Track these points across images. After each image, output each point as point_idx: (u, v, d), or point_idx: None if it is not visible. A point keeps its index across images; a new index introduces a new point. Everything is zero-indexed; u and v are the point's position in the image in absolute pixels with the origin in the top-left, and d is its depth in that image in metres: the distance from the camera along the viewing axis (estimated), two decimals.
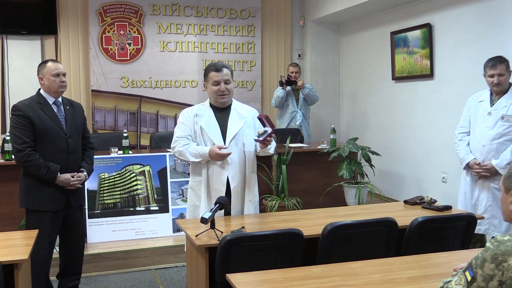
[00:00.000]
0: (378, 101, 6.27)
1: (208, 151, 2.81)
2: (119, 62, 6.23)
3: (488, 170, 3.44)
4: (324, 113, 7.10)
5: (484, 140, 3.48)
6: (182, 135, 2.90)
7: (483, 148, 3.48)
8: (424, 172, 5.46)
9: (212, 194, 2.88)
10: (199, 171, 2.92)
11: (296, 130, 5.97)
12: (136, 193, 4.55)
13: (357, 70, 6.76)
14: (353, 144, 4.88)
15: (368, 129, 6.51)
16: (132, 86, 6.30)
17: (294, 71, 6.04)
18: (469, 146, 3.60)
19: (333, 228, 2.35)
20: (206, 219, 2.37)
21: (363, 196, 4.79)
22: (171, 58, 6.45)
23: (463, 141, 3.64)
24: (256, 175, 3.02)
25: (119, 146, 4.83)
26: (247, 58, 6.79)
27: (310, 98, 6.02)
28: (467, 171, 3.62)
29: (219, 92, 2.87)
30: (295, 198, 4.56)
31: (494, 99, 3.49)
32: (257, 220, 2.82)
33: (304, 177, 5.19)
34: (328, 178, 5.18)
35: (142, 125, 6.37)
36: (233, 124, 2.91)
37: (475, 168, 3.50)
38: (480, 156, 3.51)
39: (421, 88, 5.50)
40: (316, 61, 7.07)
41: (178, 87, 6.49)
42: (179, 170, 4.72)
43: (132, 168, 4.60)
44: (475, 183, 3.56)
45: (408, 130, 5.73)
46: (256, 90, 6.85)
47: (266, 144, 2.81)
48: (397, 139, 5.92)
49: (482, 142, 3.49)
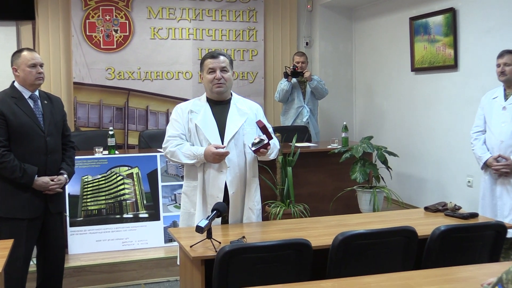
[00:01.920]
0: (396, 95, 6.27)
1: (204, 151, 2.80)
2: (104, 51, 6.23)
3: (508, 166, 3.64)
4: (335, 109, 7.09)
5: (501, 135, 3.72)
6: (175, 134, 2.90)
7: (501, 144, 3.72)
8: (447, 176, 5.45)
9: (208, 200, 2.87)
10: (194, 174, 2.92)
11: (303, 127, 5.96)
12: (123, 198, 4.56)
13: (371, 60, 6.75)
14: (367, 143, 4.87)
15: (384, 127, 6.50)
16: (119, 78, 6.30)
17: (300, 61, 6.03)
18: (485, 145, 3.85)
19: (345, 238, 2.34)
20: (202, 227, 2.36)
21: (379, 202, 4.78)
22: (163, 46, 6.45)
23: (478, 140, 3.89)
24: (257, 179, 3.02)
25: (104, 146, 4.83)
26: (248, 46, 6.78)
27: (319, 91, 6.02)
28: (485, 171, 3.84)
29: (214, 80, 2.86)
30: (301, 205, 4.55)
31: (508, 93, 3.75)
32: (259, 229, 2.81)
33: (312, 180, 5.18)
34: (339, 182, 5.18)
35: (130, 122, 6.37)
36: (233, 121, 2.91)
37: (494, 165, 3.70)
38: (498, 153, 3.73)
39: (443, 80, 5.49)
40: (325, 50, 7.06)
41: (170, 79, 6.49)
42: (171, 173, 4.72)
43: (118, 170, 4.60)
44: (495, 183, 3.76)
45: (429, 127, 5.72)
46: (258, 83, 6.84)
47: (260, 155, 2.82)
48: (417, 138, 5.92)
49: (500, 138, 3.73)
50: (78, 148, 5.15)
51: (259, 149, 2.79)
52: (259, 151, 2.80)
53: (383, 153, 4.86)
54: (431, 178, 5.69)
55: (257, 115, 2.99)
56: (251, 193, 2.94)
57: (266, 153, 2.82)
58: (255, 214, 2.95)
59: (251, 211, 2.93)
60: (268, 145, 2.80)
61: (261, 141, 2.79)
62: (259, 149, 2.79)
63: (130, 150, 5.99)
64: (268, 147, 2.80)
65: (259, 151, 2.80)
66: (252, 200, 2.94)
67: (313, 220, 3.01)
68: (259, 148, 2.79)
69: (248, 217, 2.92)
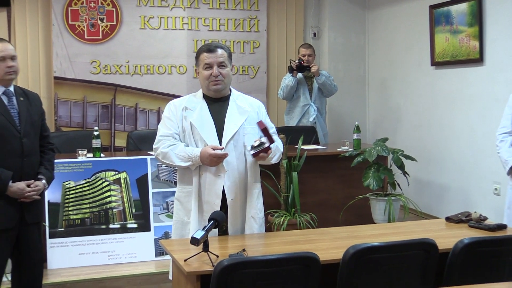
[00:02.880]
0: (414, 92, 6.27)
1: (200, 153, 2.81)
2: (88, 42, 6.24)
3: None
4: (345, 107, 7.10)
5: None
6: (167, 133, 2.91)
7: None
8: (472, 182, 5.44)
9: (204, 208, 2.87)
10: (188, 178, 2.92)
11: (310, 128, 5.96)
12: (109, 206, 4.56)
13: (387, 53, 6.75)
14: (382, 146, 4.87)
15: (401, 128, 6.50)
16: (105, 73, 6.30)
17: (307, 54, 6.03)
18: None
19: (357, 251, 2.34)
20: (197, 239, 2.36)
21: (395, 211, 4.78)
22: (154, 37, 6.46)
23: (505, 142, 3.84)
24: (260, 184, 3.02)
25: (88, 148, 4.83)
26: (249, 37, 6.79)
27: (327, 88, 6.02)
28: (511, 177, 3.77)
29: (211, 77, 2.87)
30: (308, 214, 4.55)
31: None
32: (261, 241, 2.82)
33: (320, 187, 5.18)
34: (350, 189, 5.18)
35: (117, 122, 6.37)
36: (232, 120, 2.91)
37: None
38: None
39: (467, 76, 5.49)
40: (335, 41, 7.06)
41: (162, 73, 6.50)
42: (163, 178, 4.73)
43: (104, 175, 4.61)
44: None
45: (451, 128, 5.72)
46: (260, 78, 6.85)
47: (260, 159, 2.83)
48: (437, 140, 5.91)
49: None
50: (59, 150, 5.15)
51: (259, 153, 2.80)
52: (259, 156, 2.80)
53: (400, 157, 4.85)
54: (454, 185, 5.69)
55: (258, 113, 3.00)
56: (252, 199, 2.94)
57: (266, 157, 2.83)
58: (257, 224, 2.95)
59: (254, 220, 2.93)
60: (269, 149, 2.80)
61: (261, 144, 2.79)
62: (259, 153, 2.80)
63: (117, 152, 5.99)
64: (268, 152, 2.80)
65: (258, 155, 2.80)
66: (254, 207, 2.94)
67: (321, 232, 3.01)
68: (258, 152, 2.80)
69: (250, 227, 2.92)
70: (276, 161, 2.98)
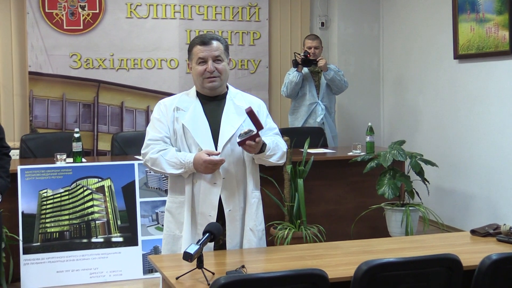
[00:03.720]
0: (434, 89, 6.27)
1: (193, 159, 2.81)
2: (68, 32, 6.25)
3: None
4: (357, 106, 7.10)
5: None
6: (157, 137, 2.92)
7: None
8: (500, 191, 5.44)
9: (198, 220, 2.88)
10: (180, 188, 2.93)
11: (317, 129, 5.97)
12: (91, 218, 4.56)
13: (404, 45, 6.76)
14: (398, 149, 4.87)
15: (419, 129, 6.50)
16: (87, 67, 6.32)
17: (313, 46, 6.04)
18: None
19: (370, 268, 2.34)
20: (190, 254, 2.37)
21: (413, 223, 4.78)
22: (142, 27, 6.47)
23: None
24: (259, 192, 3.02)
25: (68, 152, 4.84)
26: (249, 27, 6.80)
27: (336, 84, 6.03)
28: None
29: (206, 73, 2.88)
30: (316, 226, 4.55)
31: None
32: (262, 256, 2.82)
33: (328, 196, 5.19)
34: (362, 197, 5.19)
35: (101, 122, 6.39)
36: (229, 121, 2.92)
37: None
38: None
39: (495, 70, 5.49)
40: (345, 32, 7.07)
41: (151, 68, 6.52)
42: (152, 185, 4.73)
43: (86, 182, 4.61)
44: None
45: (477, 130, 5.73)
46: (261, 73, 6.86)
47: (248, 150, 2.81)
48: (461, 143, 5.92)
49: None
50: (34, 154, 5.19)
51: (245, 141, 2.75)
52: (245, 144, 2.76)
53: (418, 161, 4.86)
54: (479, 193, 5.68)
55: (259, 113, 2.98)
56: (252, 210, 2.95)
57: (255, 148, 2.78)
58: (256, 237, 2.95)
59: (253, 233, 2.94)
60: (257, 136, 2.76)
61: (249, 132, 2.76)
62: (245, 141, 2.75)
63: (101, 157, 6.00)
64: (257, 140, 2.75)
65: (244, 144, 2.76)
66: (253, 219, 2.95)
67: (330, 246, 3.01)
68: (244, 140, 2.75)
69: (248, 240, 2.92)
70: (276, 160, 2.95)
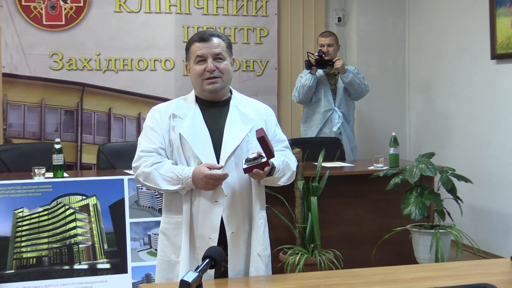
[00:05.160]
0: (468, 93, 6.26)
1: (192, 173, 2.83)
2: (48, 29, 6.28)
3: None
4: (380, 113, 7.10)
5: None
6: (151, 148, 2.93)
7: None
8: None
9: (197, 244, 2.89)
10: (177, 206, 2.94)
11: (334, 140, 5.98)
12: (74, 241, 4.54)
13: (433, 43, 6.76)
14: (427, 163, 4.86)
15: (451, 140, 6.49)
16: (69, 69, 6.34)
17: (328, 45, 6.06)
18: None
19: None
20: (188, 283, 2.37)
21: (444, 248, 4.76)
22: (133, 23, 6.49)
23: None
24: (265, 213, 3.04)
25: (48, 165, 4.84)
26: (255, 23, 6.82)
27: (355, 88, 6.04)
28: None
29: (205, 73, 2.90)
30: (331, 251, 4.54)
31: None
32: (270, 285, 2.82)
33: (346, 216, 5.17)
34: (385, 218, 5.17)
35: (85, 132, 6.39)
36: (233, 130, 2.93)
37: None
38: None
39: None
40: (366, 29, 7.08)
41: (143, 69, 6.53)
42: (144, 204, 4.72)
43: (68, 200, 4.60)
44: None
45: None
46: (269, 76, 6.87)
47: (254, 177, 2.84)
48: (500, 156, 5.90)
49: None
50: (9, 168, 5.19)
51: (251, 169, 2.79)
52: (251, 171, 2.80)
53: (450, 177, 4.84)
54: None
55: (267, 122, 3.02)
56: (259, 233, 2.96)
57: (263, 176, 2.81)
58: (264, 263, 2.97)
59: (261, 259, 2.95)
60: (266, 165, 2.79)
61: (259, 158, 2.79)
62: (251, 169, 2.79)
63: (85, 171, 6.01)
64: (265, 169, 2.79)
65: (251, 171, 2.80)
66: (261, 243, 2.96)
67: (349, 274, 2.99)
68: (251, 167, 2.79)
69: (256, 267, 2.93)
70: (285, 182, 2.98)
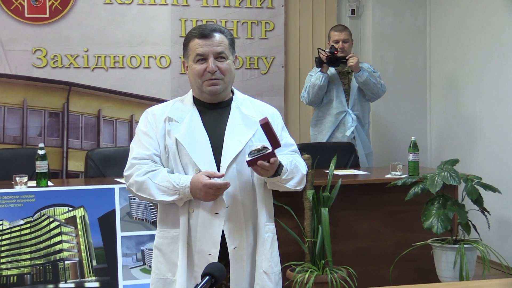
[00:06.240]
0: (497, 94, 6.25)
1: (190, 182, 2.84)
2: (30, 22, 6.29)
3: None
4: (397, 116, 7.11)
5: None
6: (144, 155, 2.95)
7: None
8: None
9: (196, 260, 2.91)
10: (173, 219, 2.96)
11: (347, 145, 6.00)
12: (59, 257, 4.53)
13: (458, 38, 6.76)
14: (450, 171, 4.86)
15: (477, 145, 6.49)
16: (54, 66, 6.35)
17: (341, 40, 6.07)
18: None
19: None
20: None
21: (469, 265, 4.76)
22: (125, 16, 6.51)
23: None
24: (273, 225, 3.05)
25: (30, 173, 4.85)
26: (260, 16, 6.83)
27: (371, 88, 6.05)
28: None
29: (206, 74, 2.92)
30: (344, 268, 4.55)
31: None
32: None
33: (360, 230, 5.18)
34: (404, 232, 5.18)
35: (72, 136, 6.39)
36: (235, 135, 2.95)
37: None
38: None
39: None
40: (382, 22, 7.09)
41: (136, 67, 6.55)
42: (137, 216, 4.71)
43: (53, 212, 4.60)
44: None
45: None
46: (276, 74, 6.89)
47: (259, 172, 2.84)
48: None
49: None
50: None
51: (256, 161, 2.77)
52: (256, 164, 2.79)
53: (476, 186, 4.85)
54: None
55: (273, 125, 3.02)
56: (266, 248, 2.97)
57: (269, 170, 2.80)
58: (273, 282, 2.98)
59: (267, 277, 2.96)
60: (272, 155, 2.79)
61: (264, 150, 2.77)
62: (256, 161, 2.77)
63: (72, 180, 6.00)
64: (272, 161, 2.77)
65: (255, 164, 2.79)
66: (268, 259, 2.97)
67: None
68: (256, 159, 2.77)
69: (262, 286, 2.94)
70: (294, 186, 2.99)
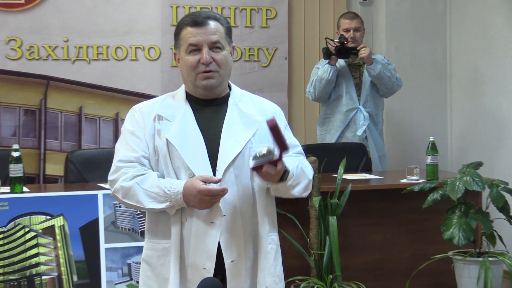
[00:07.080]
0: None
1: (183, 188, 2.83)
2: (4, 9, 6.31)
3: None
4: (414, 113, 7.12)
5: None
6: (131, 157, 2.94)
7: None
8: None
9: (189, 275, 2.90)
10: (163, 229, 2.95)
11: (358, 146, 6.00)
12: (36, 271, 4.56)
13: (482, 28, 6.77)
14: (472, 175, 4.85)
15: (503, 146, 6.49)
16: (31, 58, 6.37)
17: (352, 29, 6.07)
18: None
19: None
20: None
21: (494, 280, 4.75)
22: (109, 2, 6.54)
23: None
24: (277, 236, 3.04)
25: (3, 178, 4.87)
26: (261, 3, 6.86)
27: (385, 82, 6.05)
28: None
29: (200, 66, 2.91)
30: (355, 284, 4.55)
31: None
32: None
33: (373, 241, 5.18)
34: (421, 243, 5.19)
35: (50, 136, 6.41)
36: (232, 135, 2.95)
37: None
38: None
39: None
40: (397, 9, 7.10)
41: (122, 59, 6.57)
42: (123, 225, 4.73)
43: (28, 221, 4.61)
44: None
45: None
46: (278, 67, 6.92)
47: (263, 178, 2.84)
48: None
49: None
50: None
51: (261, 167, 2.78)
52: (261, 171, 2.79)
53: (502, 192, 4.84)
54: None
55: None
56: (268, 261, 2.96)
57: (274, 176, 2.81)
58: None
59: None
60: (279, 161, 2.79)
61: (269, 154, 2.77)
62: (261, 167, 2.78)
63: (50, 185, 6.03)
64: (278, 167, 2.79)
65: (260, 171, 2.79)
66: (271, 273, 2.97)
67: None
68: (261, 165, 2.77)
69: None
70: (300, 192, 2.99)
